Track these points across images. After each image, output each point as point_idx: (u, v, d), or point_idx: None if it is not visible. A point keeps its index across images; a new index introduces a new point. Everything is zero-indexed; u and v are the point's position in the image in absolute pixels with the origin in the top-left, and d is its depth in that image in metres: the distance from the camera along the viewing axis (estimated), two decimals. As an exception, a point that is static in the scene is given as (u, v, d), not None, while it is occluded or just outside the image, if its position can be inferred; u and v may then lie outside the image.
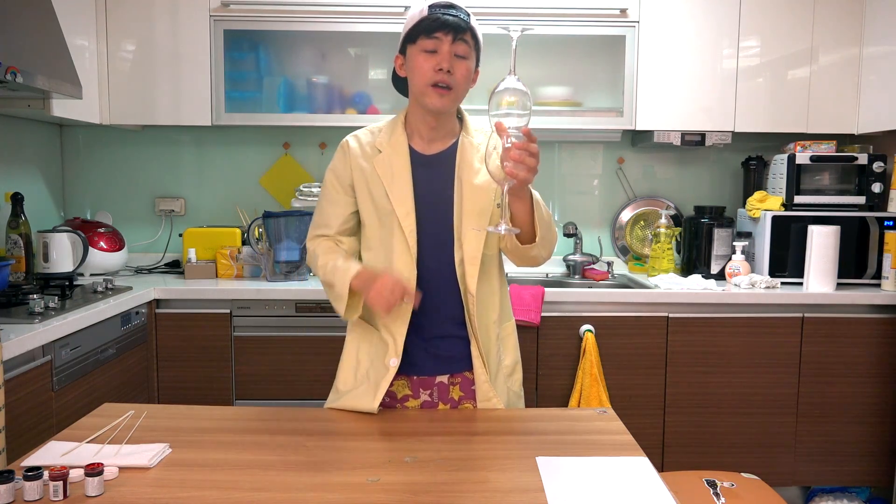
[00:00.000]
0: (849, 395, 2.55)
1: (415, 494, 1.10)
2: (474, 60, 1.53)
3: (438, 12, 1.47)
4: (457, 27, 1.45)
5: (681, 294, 2.51)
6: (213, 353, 2.52)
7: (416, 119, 1.57)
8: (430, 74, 1.47)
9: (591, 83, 3.00)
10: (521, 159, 1.30)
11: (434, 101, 1.48)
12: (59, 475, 1.07)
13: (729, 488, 2.06)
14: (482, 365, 1.56)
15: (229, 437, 1.33)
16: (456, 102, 1.52)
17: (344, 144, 1.61)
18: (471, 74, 1.52)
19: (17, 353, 1.70)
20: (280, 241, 2.68)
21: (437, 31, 1.46)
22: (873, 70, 2.70)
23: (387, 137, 1.58)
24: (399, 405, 1.59)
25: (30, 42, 2.05)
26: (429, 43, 1.47)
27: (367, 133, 1.62)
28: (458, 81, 1.48)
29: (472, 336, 1.56)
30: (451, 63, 1.47)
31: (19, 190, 2.70)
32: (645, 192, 3.16)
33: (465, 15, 1.49)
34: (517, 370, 1.66)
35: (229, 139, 3.10)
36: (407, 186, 1.53)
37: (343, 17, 2.72)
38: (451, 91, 1.48)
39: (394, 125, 1.60)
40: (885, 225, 2.63)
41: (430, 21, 1.46)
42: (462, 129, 1.59)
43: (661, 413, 2.54)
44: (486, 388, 1.55)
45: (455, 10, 1.48)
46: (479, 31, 1.52)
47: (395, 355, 1.53)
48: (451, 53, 1.47)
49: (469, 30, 1.48)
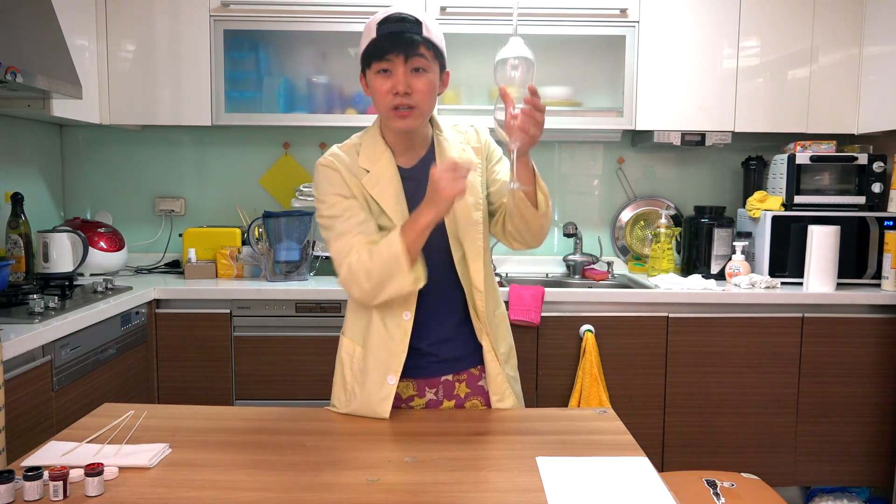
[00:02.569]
0: (849, 395, 2.55)
1: (415, 494, 1.10)
2: (436, 69, 1.45)
3: (386, 31, 1.39)
4: (408, 45, 1.38)
5: (681, 294, 2.51)
6: (213, 353, 2.52)
7: (390, 136, 1.52)
8: (388, 98, 1.41)
9: (591, 83, 3.00)
10: (531, 114, 1.29)
11: (398, 124, 1.44)
12: (59, 475, 1.07)
13: (729, 488, 2.06)
14: (494, 359, 1.56)
15: (229, 437, 1.33)
16: (422, 118, 1.46)
17: (329, 164, 1.49)
18: (434, 85, 1.45)
19: (17, 353, 1.70)
20: (280, 241, 2.68)
21: (388, 53, 1.39)
22: (873, 70, 2.70)
23: (370, 154, 1.51)
24: (405, 405, 1.59)
25: (30, 42, 2.05)
26: (382, 65, 1.41)
27: (343, 153, 1.53)
28: (419, 99, 1.42)
29: (484, 333, 1.55)
30: (409, 82, 1.40)
31: (19, 190, 2.69)
32: (645, 192, 3.16)
33: (415, 27, 1.40)
34: (512, 355, 1.66)
35: (229, 139, 3.10)
36: (400, 200, 1.49)
37: (343, 17, 2.72)
38: (413, 110, 1.43)
39: (373, 141, 1.52)
40: (885, 225, 2.63)
41: (380, 42, 1.39)
42: (434, 129, 1.57)
43: (661, 413, 2.54)
44: (499, 381, 1.56)
45: (404, 24, 1.39)
46: (436, 37, 1.44)
47: (394, 373, 1.49)
48: (407, 72, 1.40)
49: (423, 42, 1.40)
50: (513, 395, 1.58)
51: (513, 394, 1.58)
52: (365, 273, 1.40)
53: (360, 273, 1.40)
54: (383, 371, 1.50)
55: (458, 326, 1.57)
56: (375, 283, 1.40)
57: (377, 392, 1.50)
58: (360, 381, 1.53)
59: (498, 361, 1.56)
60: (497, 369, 1.56)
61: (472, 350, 1.58)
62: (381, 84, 1.42)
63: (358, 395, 1.52)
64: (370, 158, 1.51)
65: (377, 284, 1.40)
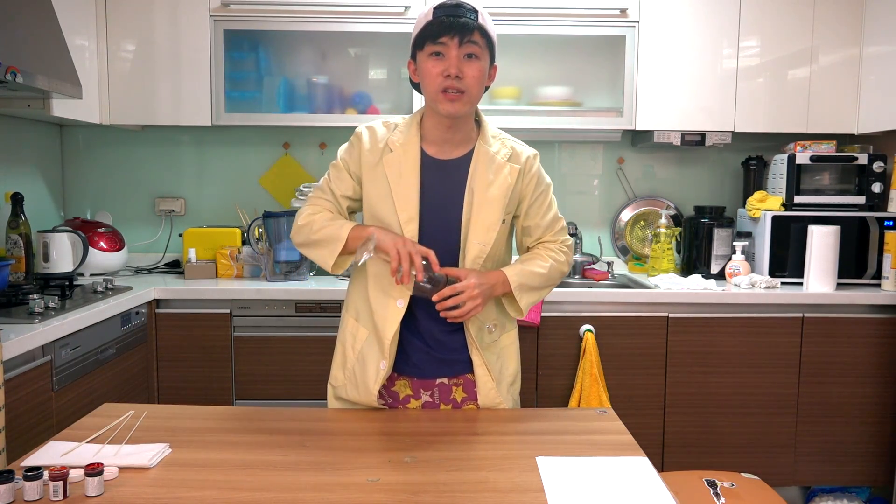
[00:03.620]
0: (849, 395, 2.55)
1: (415, 494, 1.10)
2: (487, 58, 1.47)
3: (443, 15, 1.42)
4: (463, 29, 1.41)
5: (681, 294, 2.51)
6: (213, 353, 2.52)
7: (431, 123, 1.52)
8: (439, 80, 1.43)
9: (591, 83, 3.00)
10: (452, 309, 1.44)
11: (446, 107, 1.44)
12: (59, 475, 1.07)
13: (729, 488, 2.06)
14: (486, 373, 1.55)
15: (229, 437, 1.33)
16: (470, 105, 1.47)
17: (357, 135, 1.56)
18: (484, 74, 1.47)
19: (17, 353, 1.70)
20: (280, 241, 2.68)
21: (442, 35, 1.41)
22: (873, 70, 2.70)
23: (400, 137, 1.53)
24: (401, 406, 1.59)
25: (30, 42, 2.05)
26: (436, 48, 1.43)
27: (382, 127, 1.56)
28: (470, 84, 1.44)
29: (474, 347, 1.55)
30: (461, 66, 1.42)
31: (19, 190, 2.69)
32: (645, 192, 3.16)
33: (472, 14, 1.43)
34: (517, 380, 1.65)
35: (229, 139, 3.10)
36: (413, 191, 1.49)
37: (343, 17, 2.72)
38: (462, 95, 1.44)
39: (409, 125, 1.54)
40: (885, 225, 2.63)
41: (436, 25, 1.41)
42: (479, 136, 1.55)
43: (661, 413, 2.54)
44: (491, 395, 1.55)
45: (461, 10, 1.42)
46: (489, 26, 1.47)
47: (384, 358, 1.52)
48: (460, 56, 1.42)
49: (477, 29, 1.43)
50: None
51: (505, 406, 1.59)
52: (309, 229, 1.54)
53: (307, 226, 1.54)
54: (377, 357, 1.53)
55: (456, 331, 1.56)
56: (309, 242, 1.55)
57: (373, 376, 1.53)
58: (360, 361, 1.56)
59: (490, 376, 1.55)
60: (489, 385, 1.55)
61: (466, 357, 1.57)
62: (433, 66, 1.44)
63: (357, 376, 1.55)
64: (400, 140, 1.53)
65: (309, 243, 1.55)
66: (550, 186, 1.62)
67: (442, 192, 1.51)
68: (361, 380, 1.55)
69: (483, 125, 1.57)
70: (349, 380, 1.58)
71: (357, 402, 1.57)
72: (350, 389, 1.58)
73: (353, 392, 1.57)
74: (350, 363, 1.58)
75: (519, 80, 2.92)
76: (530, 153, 1.58)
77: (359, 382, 1.55)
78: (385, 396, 1.59)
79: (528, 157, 1.57)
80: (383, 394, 1.59)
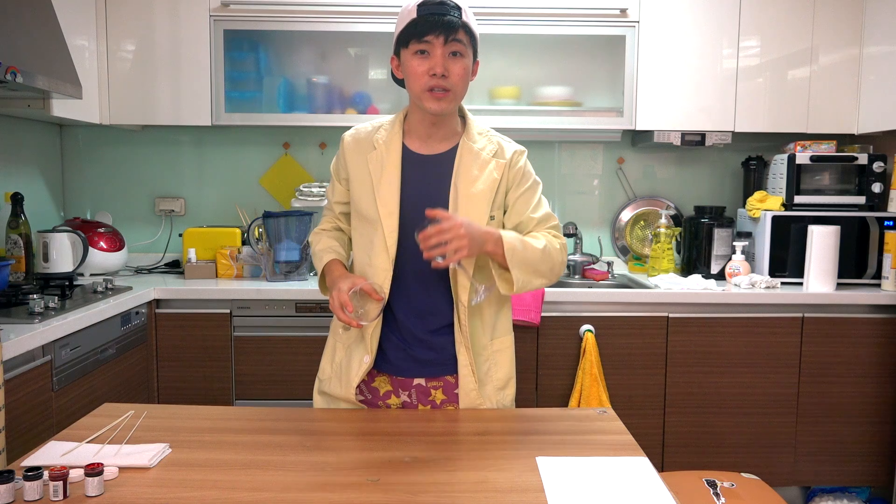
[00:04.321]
0: (849, 395, 2.55)
1: (415, 494, 1.10)
2: (471, 55, 1.48)
3: (428, 13, 1.40)
4: (448, 27, 1.40)
5: (681, 294, 2.51)
6: (213, 353, 2.52)
7: (416, 118, 1.54)
8: (424, 79, 1.43)
9: (591, 83, 3.00)
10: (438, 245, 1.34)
11: (432, 106, 1.45)
12: (59, 475, 1.07)
13: (729, 488, 2.06)
14: (470, 374, 1.52)
15: (229, 437, 1.33)
16: (455, 103, 1.49)
17: (342, 140, 1.62)
18: (468, 71, 1.47)
19: (17, 353, 1.70)
20: (280, 241, 2.68)
21: (427, 33, 1.41)
22: (873, 70, 2.70)
23: (384, 134, 1.55)
24: (381, 402, 1.59)
25: (30, 42, 2.05)
26: (421, 46, 1.43)
27: (368, 127, 1.60)
28: (455, 82, 1.45)
29: (463, 346, 1.53)
30: (446, 65, 1.42)
31: (19, 190, 2.70)
32: (645, 192, 3.16)
33: (456, 12, 1.42)
34: (510, 385, 1.61)
35: (229, 139, 3.10)
36: (393, 186, 1.50)
37: (343, 17, 2.72)
38: (448, 93, 1.45)
39: (393, 122, 1.58)
40: (885, 225, 2.63)
41: (421, 23, 1.41)
42: (464, 132, 1.55)
43: (661, 413, 2.54)
44: (472, 397, 1.53)
45: (445, 8, 1.41)
46: (473, 23, 1.47)
47: (368, 352, 1.54)
48: (445, 55, 1.42)
49: (462, 26, 1.42)
50: None
51: None
52: (312, 246, 1.67)
53: (312, 244, 1.67)
54: (362, 351, 1.55)
55: (442, 332, 1.55)
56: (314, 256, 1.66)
57: (355, 369, 1.55)
58: (348, 354, 1.58)
59: (474, 377, 1.53)
60: (471, 385, 1.52)
61: (448, 358, 1.55)
62: (418, 65, 1.44)
63: (343, 369, 1.58)
64: (383, 138, 1.55)
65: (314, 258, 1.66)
66: (539, 185, 1.60)
67: (425, 187, 1.52)
68: (345, 373, 1.57)
69: (468, 121, 1.57)
70: (335, 373, 1.60)
71: (338, 397, 1.58)
72: (334, 383, 1.59)
73: (336, 386, 1.58)
74: (339, 356, 1.60)
75: (519, 80, 2.92)
76: (517, 148, 1.57)
77: (342, 375, 1.57)
78: (365, 392, 1.60)
79: (515, 153, 1.56)
80: (363, 389, 1.59)
